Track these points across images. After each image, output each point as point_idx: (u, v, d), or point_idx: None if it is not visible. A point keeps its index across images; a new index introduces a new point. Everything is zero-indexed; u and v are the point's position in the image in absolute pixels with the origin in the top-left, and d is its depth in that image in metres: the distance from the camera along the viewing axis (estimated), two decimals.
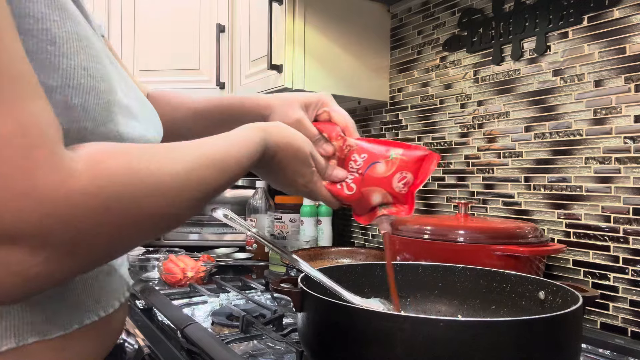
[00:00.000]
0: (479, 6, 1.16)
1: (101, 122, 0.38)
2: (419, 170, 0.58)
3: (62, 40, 0.34)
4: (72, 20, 0.35)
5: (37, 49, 0.33)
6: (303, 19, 1.27)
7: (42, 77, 0.33)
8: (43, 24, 0.33)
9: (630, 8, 0.87)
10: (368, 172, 0.59)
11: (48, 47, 0.33)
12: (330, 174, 0.59)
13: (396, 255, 0.92)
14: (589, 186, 0.93)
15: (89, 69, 0.36)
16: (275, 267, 1.26)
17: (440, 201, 1.26)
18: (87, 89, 0.36)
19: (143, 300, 0.97)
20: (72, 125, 0.35)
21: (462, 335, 0.47)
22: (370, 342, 0.49)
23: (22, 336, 0.37)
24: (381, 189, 0.59)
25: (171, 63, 1.57)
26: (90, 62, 0.36)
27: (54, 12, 0.34)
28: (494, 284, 0.72)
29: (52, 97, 0.33)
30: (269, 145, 0.49)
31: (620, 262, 0.88)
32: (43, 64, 0.33)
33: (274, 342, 0.77)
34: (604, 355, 0.77)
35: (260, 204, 1.56)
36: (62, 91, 0.34)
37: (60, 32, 0.34)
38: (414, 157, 0.58)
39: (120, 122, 0.41)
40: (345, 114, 0.62)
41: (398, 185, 0.58)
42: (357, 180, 0.59)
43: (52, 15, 0.34)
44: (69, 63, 0.34)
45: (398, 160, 0.58)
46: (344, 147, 0.60)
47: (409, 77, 1.37)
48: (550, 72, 1.00)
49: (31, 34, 0.32)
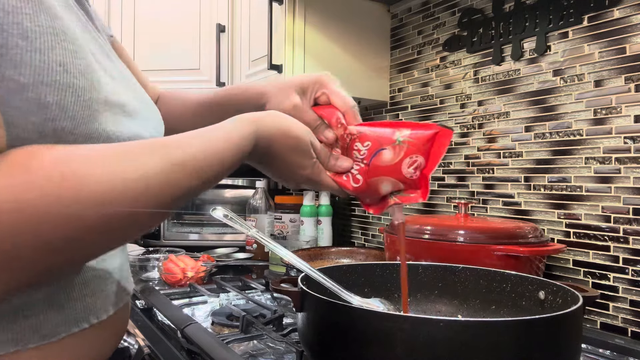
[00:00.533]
0: (479, 6, 1.16)
1: (81, 121, 0.36)
2: (430, 151, 0.52)
3: (34, 34, 0.32)
4: (46, 14, 0.34)
5: (7, 43, 0.31)
6: (303, 18, 1.27)
7: (12, 73, 0.31)
8: (14, 17, 0.31)
9: (630, 8, 0.87)
10: (373, 162, 0.53)
11: (19, 41, 0.32)
12: (334, 164, 0.55)
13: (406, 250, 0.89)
14: (589, 186, 0.93)
15: (65, 64, 0.34)
16: (275, 267, 1.26)
17: (440, 201, 1.26)
18: (63, 86, 0.34)
19: (143, 300, 0.97)
20: (47, 124, 0.33)
21: (462, 335, 0.47)
22: (370, 342, 0.49)
23: (1, 345, 0.36)
24: (390, 177, 0.53)
25: (171, 63, 1.57)
26: (67, 57, 0.35)
27: (26, 4, 0.32)
28: (494, 284, 0.72)
29: (24, 95, 0.32)
30: (262, 137, 0.46)
31: (620, 262, 0.88)
32: (13, 59, 0.31)
33: (274, 342, 0.77)
34: (604, 355, 0.76)
35: (260, 204, 1.56)
36: (35, 88, 0.32)
37: (32, 25, 0.32)
38: (424, 137, 0.52)
39: (108, 120, 0.39)
40: (344, 96, 0.56)
41: (408, 171, 0.52)
42: (362, 170, 0.54)
43: (24, 9, 0.32)
44: (42, 58, 0.33)
45: (406, 143, 0.52)
46: (345, 135, 0.55)
47: (409, 77, 1.37)
48: (550, 72, 1.00)
49: (1, 27, 0.31)
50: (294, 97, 0.56)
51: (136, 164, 0.35)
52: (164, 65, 1.57)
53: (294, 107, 0.55)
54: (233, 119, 0.46)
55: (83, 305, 0.42)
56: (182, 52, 1.57)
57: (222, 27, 1.53)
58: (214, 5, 1.55)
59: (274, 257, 1.28)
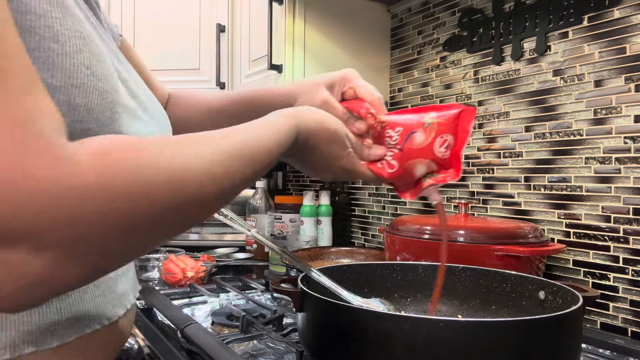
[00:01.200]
0: (479, 6, 1.16)
1: (105, 122, 0.36)
2: (457, 130, 0.54)
3: (64, 37, 0.33)
4: (72, 18, 0.34)
5: (40, 46, 0.32)
6: (303, 19, 1.27)
7: (46, 75, 0.32)
8: (45, 20, 0.32)
9: (630, 8, 0.87)
10: (407, 145, 0.55)
11: (51, 44, 0.32)
12: (368, 153, 0.56)
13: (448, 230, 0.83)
14: (589, 186, 0.93)
15: (91, 67, 0.35)
16: (275, 267, 1.26)
17: None
18: (90, 89, 0.35)
19: (143, 300, 0.97)
20: (76, 126, 0.34)
21: (462, 335, 0.47)
22: (370, 342, 0.49)
23: (19, 346, 0.36)
24: (424, 159, 0.55)
25: (171, 63, 1.57)
26: (92, 61, 0.35)
27: (55, 8, 0.33)
28: (494, 284, 0.72)
29: (56, 97, 0.32)
30: (301, 131, 0.47)
31: (620, 262, 0.88)
32: (46, 62, 0.32)
33: (274, 342, 0.77)
34: (604, 355, 0.76)
35: (260, 204, 1.56)
36: (66, 91, 0.33)
37: (62, 29, 0.33)
38: (451, 116, 0.54)
39: (126, 122, 0.40)
40: (371, 88, 0.58)
41: (440, 151, 0.54)
42: (396, 156, 0.56)
43: (53, 12, 0.33)
44: (71, 62, 0.33)
45: (435, 124, 0.54)
46: (376, 124, 0.56)
47: (409, 77, 1.37)
48: (550, 72, 1.00)
49: (33, 31, 0.31)
50: (323, 92, 0.57)
51: (199, 152, 0.34)
52: (164, 65, 1.57)
53: (324, 102, 0.57)
54: (274, 113, 0.46)
55: (95, 307, 0.43)
56: (182, 52, 1.57)
57: (222, 27, 1.53)
58: (214, 5, 1.55)
59: (274, 257, 1.28)
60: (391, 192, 1.43)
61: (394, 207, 1.42)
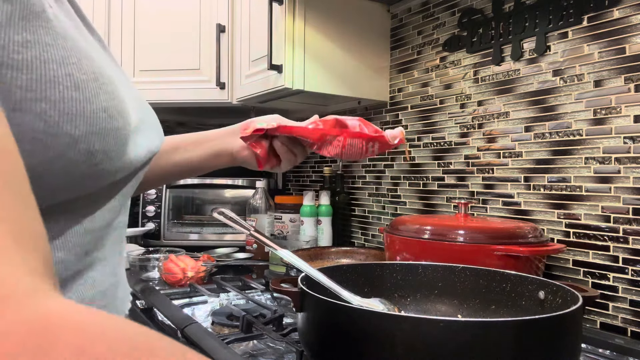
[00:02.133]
0: (479, 6, 1.16)
1: (117, 158, 0.36)
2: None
3: (83, 83, 0.32)
4: (86, 58, 0.33)
5: (64, 97, 0.30)
6: (303, 19, 1.27)
7: (69, 127, 0.31)
8: (65, 68, 0.31)
9: (630, 8, 0.87)
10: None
11: (73, 93, 0.31)
12: None
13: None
14: (589, 186, 0.93)
15: (108, 109, 0.34)
16: (275, 267, 1.26)
17: (440, 201, 1.27)
18: (107, 132, 0.34)
19: (143, 300, 0.97)
20: (92, 169, 0.34)
21: (462, 335, 0.47)
22: (370, 342, 0.49)
23: None
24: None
25: (171, 63, 1.57)
26: (109, 102, 0.34)
27: (71, 53, 0.32)
28: (494, 283, 0.72)
29: (77, 147, 0.31)
30: None
31: (620, 262, 0.88)
32: (69, 112, 0.31)
33: (274, 342, 0.77)
34: (604, 355, 0.77)
35: (260, 204, 1.56)
36: (86, 139, 0.32)
37: (80, 74, 0.32)
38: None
39: (131, 148, 0.39)
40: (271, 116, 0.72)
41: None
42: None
43: (71, 58, 0.31)
44: (91, 108, 0.32)
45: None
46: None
47: (409, 77, 1.37)
48: (550, 72, 1.00)
49: (57, 81, 0.30)
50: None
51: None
52: (164, 65, 1.57)
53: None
54: None
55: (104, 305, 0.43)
56: (182, 52, 1.57)
57: (222, 27, 1.53)
58: (214, 5, 1.55)
59: (274, 257, 1.28)
60: (391, 192, 1.43)
61: (394, 207, 1.42)
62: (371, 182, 1.51)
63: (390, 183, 1.43)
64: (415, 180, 1.34)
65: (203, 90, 1.55)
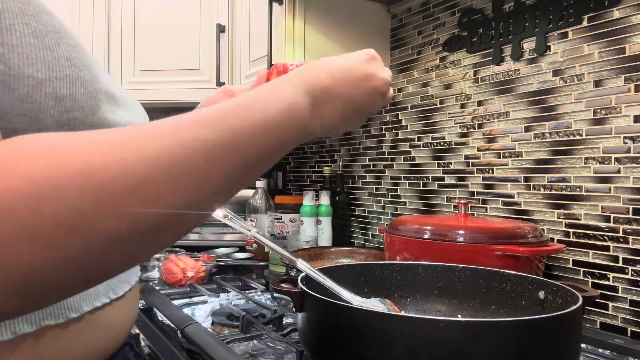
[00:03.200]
0: (479, 6, 1.16)
1: (89, 111, 0.38)
2: None
3: (42, 33, 0.35)
4: (45, 13, 0.36)
5: (22, 42, 0.33)
6: (303, 19, 1.27)
7: (31, 70, 0.33)
8: (22, 18, 0.33)
9: (630, 8, 0.87)
10: None
11: (31, 40, 0.34)
12: None
13: None
14: (589, 186, 0.93)
15: (71, 59, 0.37)
16: (275, 267, 1.26)
17: (440, 201, 1.27)
18: (73, 79, 0.36)
19: (143, 300, 0.97)
20: (63, 116, 0.36)
21: (462, 335, 0.47)
22: (370, 342, 0.49)
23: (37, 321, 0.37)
24: None
25: (171, 63, 1.57)
26: (72, 53, 0.37)
27: (28, 6, 0.34)
28: (494, 283, 0.72)
29: (42, 90, 0.34)
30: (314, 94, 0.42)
31: (620, 262, 0.88)
32: (29, 57, 0.33)
33: (274, 342, 0.77)
34: (604, 355, 0.77)
35: (260, 204, 1.56)
36: (51, 83, 0.34)
37: (38, 25, 0.35)
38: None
39: (107, 110, 0.41)
40: None
41: None
42: None
43: (27, 10, 0.34)
44: (52, 55, 0.35)
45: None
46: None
47: (409, 77, 1.37)
48: (550, 72, 1.00)
49: (13, 28, 0.33)
50: None
51: (190, 136, 0.31)
52: (164, 65, 1.57)
53: None
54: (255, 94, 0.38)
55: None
56: (182, 52, 1.57)
57: (222, 27, 1.53)
58: (214, 5, 1.55)
59: (274, 257, 1.28)
60: (391, 192, 1.43)
61: (394, 207, 1.42)
62: (371, 182, 1.51)
63: (390, 183, 1.43)
64: (415, 180, 1.34)
65: (203, 90, 1.55)
